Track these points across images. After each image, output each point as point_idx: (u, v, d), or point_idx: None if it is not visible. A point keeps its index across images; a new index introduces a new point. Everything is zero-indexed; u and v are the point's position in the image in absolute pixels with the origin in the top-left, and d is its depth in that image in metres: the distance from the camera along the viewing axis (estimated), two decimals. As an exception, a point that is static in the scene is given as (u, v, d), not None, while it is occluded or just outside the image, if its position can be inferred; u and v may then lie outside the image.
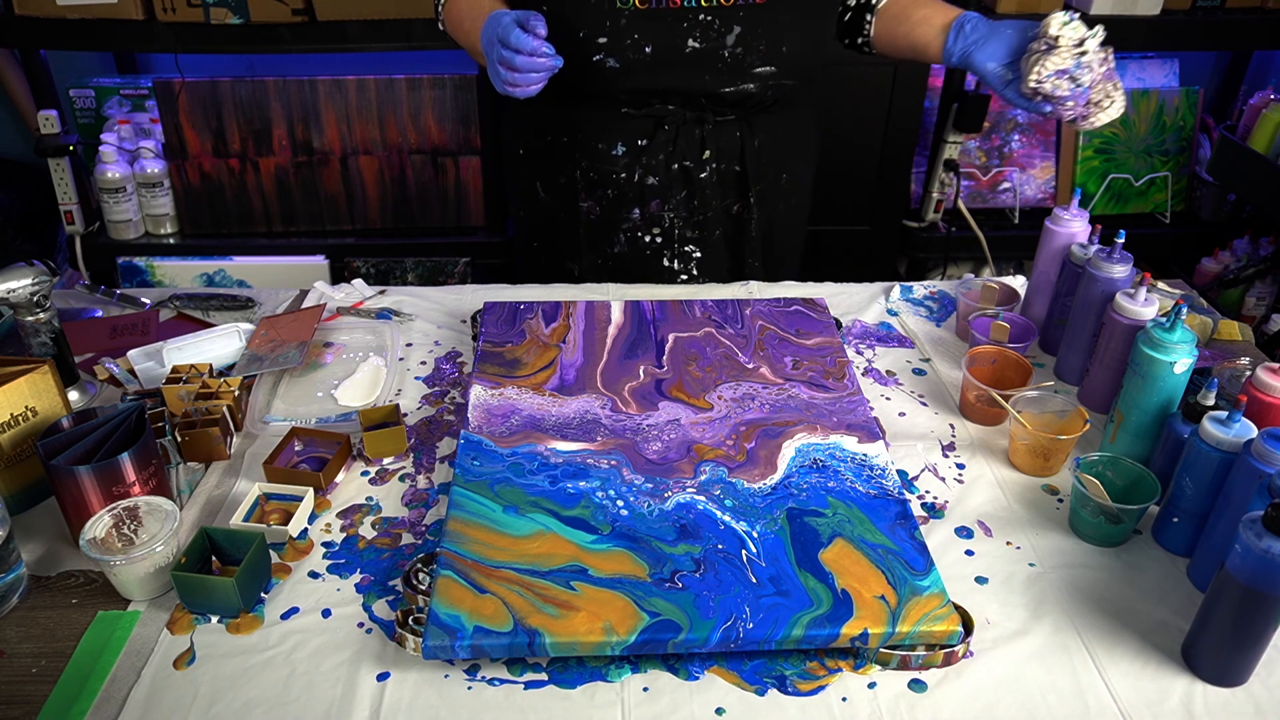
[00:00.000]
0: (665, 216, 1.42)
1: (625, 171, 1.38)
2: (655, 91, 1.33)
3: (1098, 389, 1.15)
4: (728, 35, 1.27)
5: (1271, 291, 2.42)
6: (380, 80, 2.26)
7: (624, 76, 1.29)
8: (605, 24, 1.25)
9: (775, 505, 0.96)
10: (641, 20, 1.26)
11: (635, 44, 1.27)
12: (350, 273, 2.39)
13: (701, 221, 1.43)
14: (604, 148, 1.37)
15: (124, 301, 1.39)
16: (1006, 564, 0.95)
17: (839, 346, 1.22)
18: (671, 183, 1.39)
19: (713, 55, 1.29)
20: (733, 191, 1.43)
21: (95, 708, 0.79)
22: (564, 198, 1.44)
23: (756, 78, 1.32)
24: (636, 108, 1.35)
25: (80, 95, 2.41)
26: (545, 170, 1.45)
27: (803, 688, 0.82)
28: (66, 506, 0.93)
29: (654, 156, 1.37)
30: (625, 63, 1.28)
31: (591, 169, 1.39)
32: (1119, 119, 1.18)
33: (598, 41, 1.26)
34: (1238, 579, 0.78)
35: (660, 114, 1.35)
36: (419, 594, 0.87)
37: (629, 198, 1.40)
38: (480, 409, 1.09)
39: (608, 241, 1.45)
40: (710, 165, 1.39)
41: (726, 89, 1.32)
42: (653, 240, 1.44)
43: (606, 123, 1.36)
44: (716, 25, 1.27)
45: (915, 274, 2.58)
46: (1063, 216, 1.25)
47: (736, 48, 1.28)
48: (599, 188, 1.41)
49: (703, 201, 1.41)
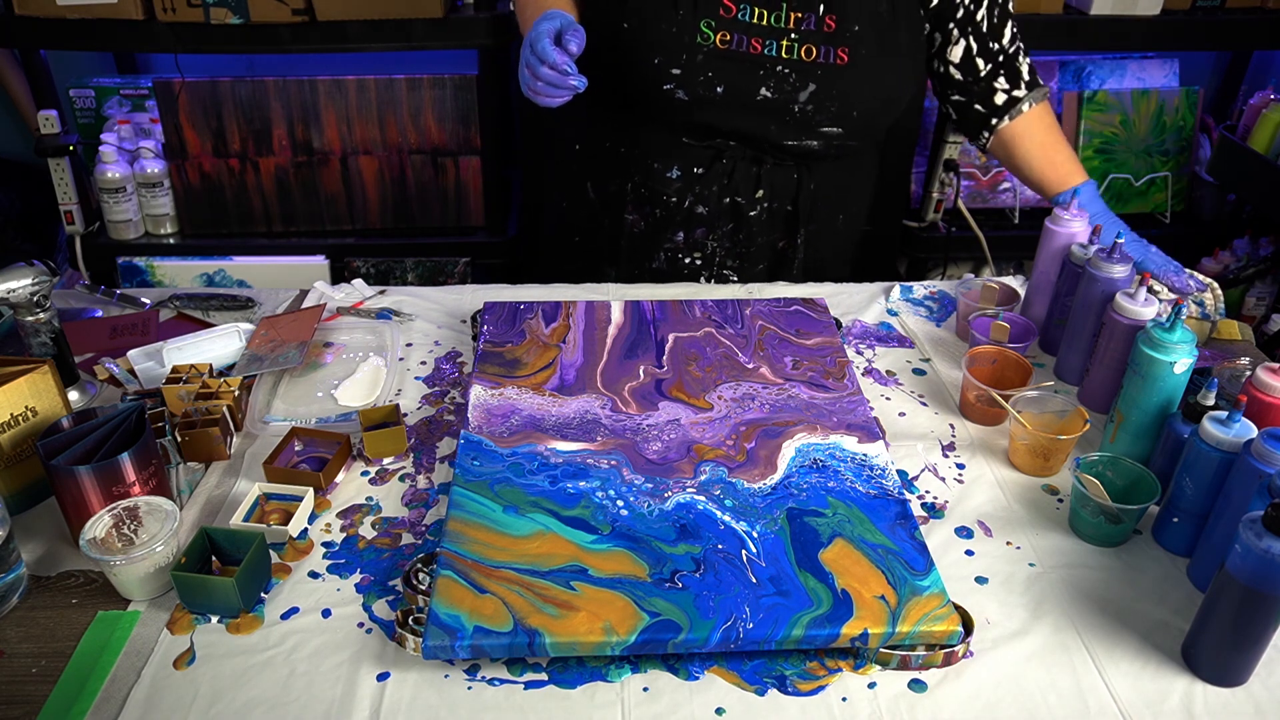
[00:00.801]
0: (709, 244, 1.41)
1: (677, 196, 1.37)
2: (719, 130, 1.32)
3: (1098, 389, 1.15)
4: (801, 91, 1.26)
5: (1271, 291, 2.42)
6: (380, 80, 2.26)
7: (690, 110, 1.29)
8: (682, 56, 1.24)
9: (775, 505, 0.96)
10: (718, 59, 1.25)
11: (708, 81, 1.25)
12: (350, 273, 2.39)
13: (744, 254, 1.43)
14: (659, 168, 1.37)
15: (124, 301, 1.39)
16: (1006, 564, 0.95)
17: (839, 346, 1.22)
18: (720, 214, 1.39)
19: (783, 107, 1.28)
20: (780, 229, 1.42)
21: (95, 708, 0.79)
22: (612, 204, 1.43)
23: (822, 136, 1.31)
24: (697, 139, 1.34)
25: (80, 95, 2.41)
26: (598, 173, 1.44)
27: (803, 688, 0.82)
28: (66, 506, 0.93)
29: (708, 187, 1.36)
30: (695, 98, 1.27)
31: (644, 185, 1.39)
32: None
33: (671, 72, 1.25)
34: (1238, 579, 0.78)
35: (720, 148, 1.34)
36: (419, 594, 0.87)
37: (676, 221, 1.40)
38: (480, 409, 1.09)
39: (648, 256, 1.45)
40: (762, 204, 1.38)
41: (790, 142, 1.31)
42: (693, 262, 1.44)
43: (666, 145, 1.36)
44: (792, 79, 1.25)
45: (915, 274, 2.58)
46: (1063, 216, 1.25)
47: (808, 105, 1.27)
48: (647, 204, 1.40)
49: (748, 236, 1.40)
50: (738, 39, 1.24)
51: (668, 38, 1.24)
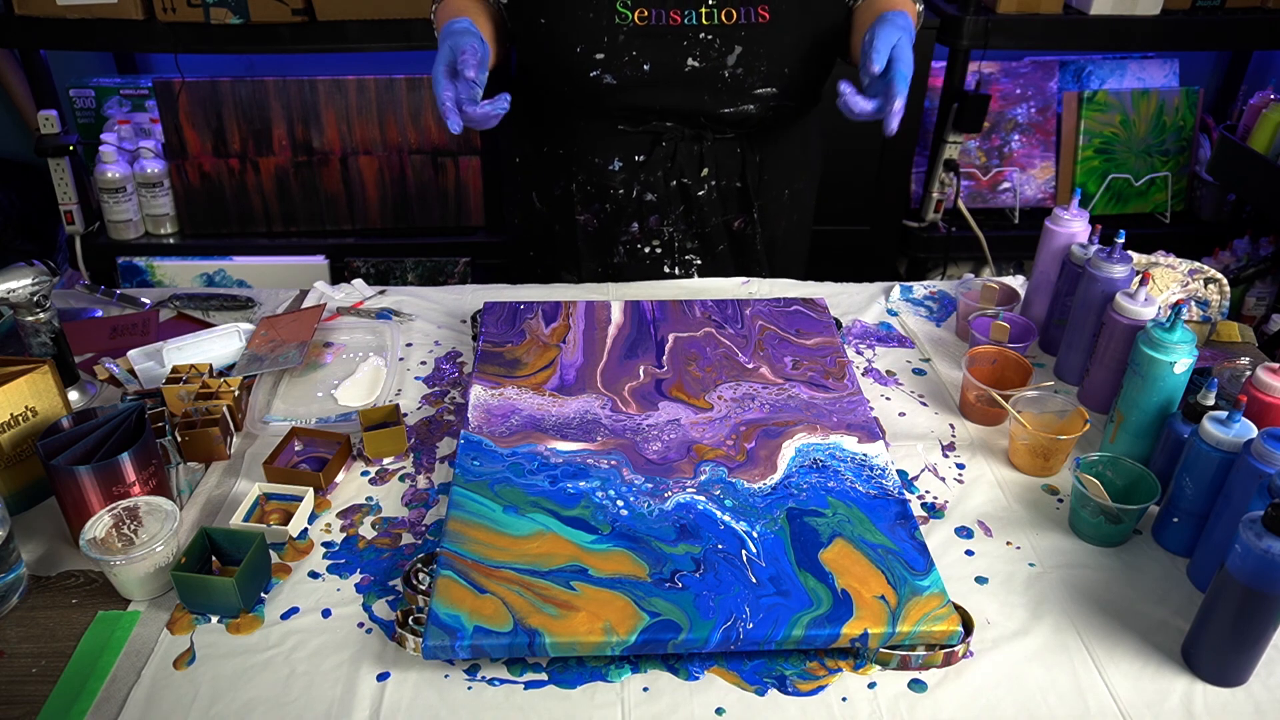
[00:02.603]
0: (665, 230, 1.40)
1: (623, 187, 1.36)
2: (652, 110, 1.30)
3: (1098, 389, 1.15)
4: (728, 55, 1.24)
5: (1271, 291, 2.42)
6: (380, 80, 2.26)
7: (620, 93, 1.27)
8: (603, 39, 1.22)
9: (775, 505, 0.96)
10: (640, 37, 1.23)
11: (633, 61, 1.23)
12: (350, 273, 2.39)
13: (702, 235, 1.42)
14: (600, 162, 1.35)
15: (124, 301, 1.39)
16: (1006, 564, 0.95)
17: (839, 346, 1.22)
18: (670, 198, 1.37)
19: (712, 75, 1.25)
20: (735, 207, 1.41)
21: (95, 708, 0.79)
22: (560, 209, 1.42)
23: (757, 99, 1.29)
24: (633, 125, 1.32)
25: (80, 95, 2.41)
26: (541, 180, 1.43)
27: (803, 688, 0.82)
28: (66, 506, 0.93)
29: (652, 173, 1.35)
30: (622, 80, 1.25)
31: (589, 182, 1.37)
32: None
33: (595, 57, 1.23)
34: (1238, 579, 0.78)
35: (658, 130, 1.32)
36: (419, 594, 0.87)
37: (627, 212, 1.39)
38: (480, 409, 1.09)
39: (607, 252, 1.44)
40: (709, 183, 1.36)
41: (726, 109, 1.29)
42: (653, 251, 1.43)
43: (603, 137, 1.34)
44: (717, 44, 1.23)
45: (915, 274, 2.58)
46: (1063, 216, 1.25)
47: (737, 68, 1.25)
48: (596, 201, 1.39)
49: (701, 217, 1.39)
50: (655, 13, 1.22)
51: (585, 23, 1.22)
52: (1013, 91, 2.49)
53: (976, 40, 2.21)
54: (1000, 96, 2.48)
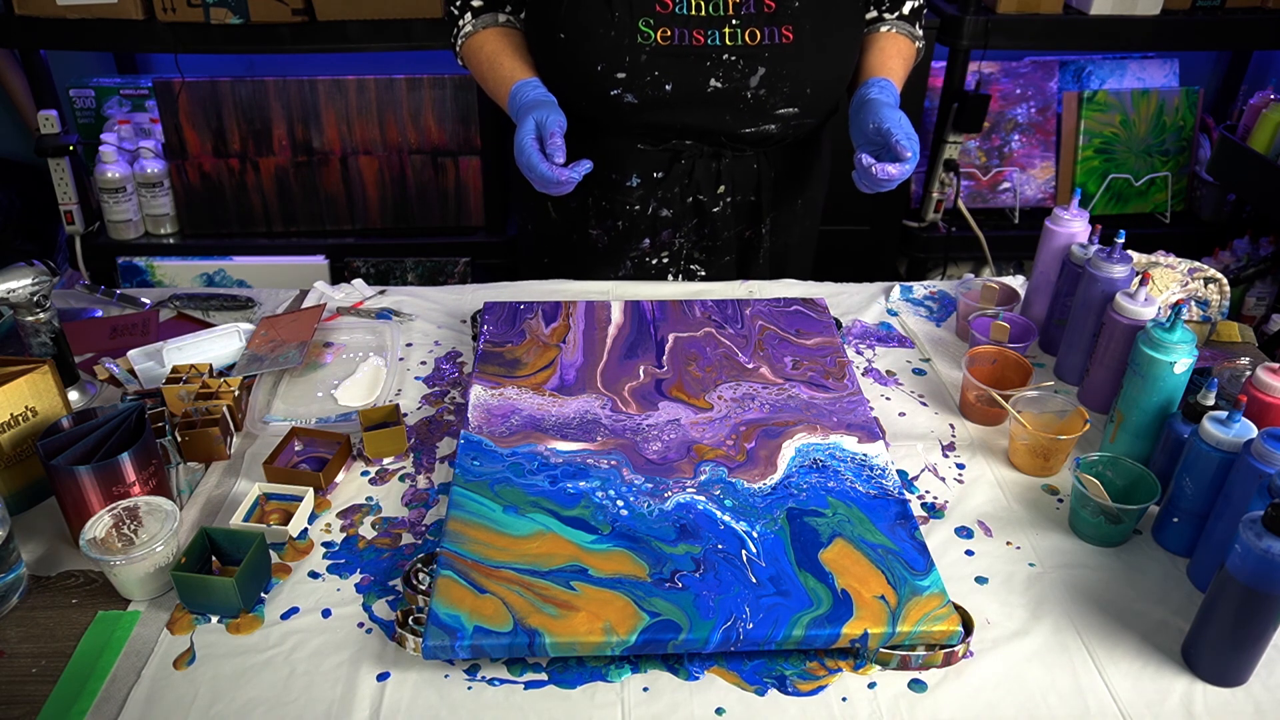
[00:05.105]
0: (675, 242, 1.40)
1: (639, 204, 1.36)
2: (673, 129, 1.30)
3: (1098, 389, 1.15)
4: (752, 76, 1.23)
5: (1271, 291, 2.42)
6: (380, 80, 2.26)
7: (641, 112, 1.26)
8: (625, 59, 1.21)
9: (775, 505, 0.96)
10: (663, 57, 1.22)
11: (655, 80, 1.23)
12: (350, 273, 2.39)
13: (710, 248, 1.42)
14: (618, 178, 1.35)
15: (124, 301, 1.39)
16: (1006, 564, 0.95)
17: (839, 346, 1.22)
18: (684, 214, 1.37)
19: (735, 96, 1.25)
20: (745, 219, 1.41)
21: (95, 708, 0.79)
22: (575, 220, 1.42)
23: (778, 119, 1.28)
24: (653, 143, 1.32)
25: (80, 95, 2.41)
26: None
27: (803, 688, 0.82)
28: (66, 506, 0.93)
29: (669, 190, 1.34)
30: (644, 99, 1.24)
31: (604, 198, 1.37)
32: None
33: (616, 76, 1.22)
34: (1238, 579, 0.78)
35: (677, 149, 1.32)
36: (419, 594, 0.87)
37: (640, 229, 1.38)
38: (480, 409, 1.09)
39: (614, 266, 1.44)
40: (725, 200, 1.37)
41: (747, 129, 1.29)
42: (659, 262, 1.43)
43: (622, 155, 1.33)
44: (741, 66, 1.23)
45: (915, 274, 2.58)
46: (1063, 216, 1.25)
47: (760, 89, 1.24)
48: (609, 218, 1.39)
49: (714, 231, 1.39)
50: (679, 33, 1.21)
51: (607, 42, 1.21)
52: (1013, 91, 2.49)
53: (976, 40, 2.21)
54: (1000, 96, 2.48)
